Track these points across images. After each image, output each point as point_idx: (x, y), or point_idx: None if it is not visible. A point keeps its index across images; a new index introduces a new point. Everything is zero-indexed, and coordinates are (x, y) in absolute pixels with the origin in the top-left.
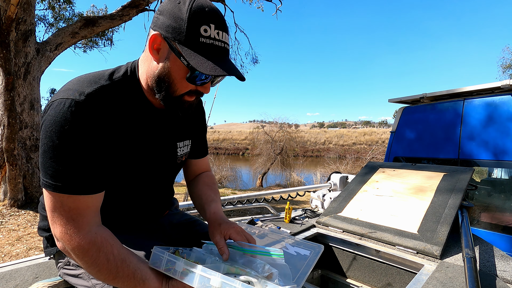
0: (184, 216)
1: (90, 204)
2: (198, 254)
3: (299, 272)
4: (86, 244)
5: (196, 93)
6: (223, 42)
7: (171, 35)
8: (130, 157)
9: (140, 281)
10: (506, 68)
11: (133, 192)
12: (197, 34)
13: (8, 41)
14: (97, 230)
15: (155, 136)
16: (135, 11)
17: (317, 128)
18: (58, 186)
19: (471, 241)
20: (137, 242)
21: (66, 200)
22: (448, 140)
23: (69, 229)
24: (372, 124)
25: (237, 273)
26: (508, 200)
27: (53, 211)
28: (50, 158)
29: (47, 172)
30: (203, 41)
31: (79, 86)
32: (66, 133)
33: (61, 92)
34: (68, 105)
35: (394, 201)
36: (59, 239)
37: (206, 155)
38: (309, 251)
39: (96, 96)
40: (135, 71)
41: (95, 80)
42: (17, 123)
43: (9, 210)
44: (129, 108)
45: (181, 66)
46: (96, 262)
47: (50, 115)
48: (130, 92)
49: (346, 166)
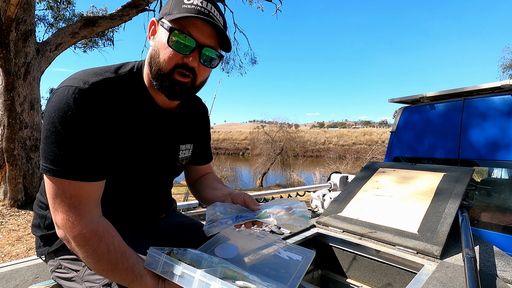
0: (181, 217)
1: (91, 193)
2: (192, 256)
3: (292, 276)
4: (88, 233)
5: (184, 67)
6: (206, 9)
7: (161, 15)
8: (129, 152)
9: (138, 276)
10: (506, 68)
11: (130, 192)
12: (180, 3)
13: (8, 41)
14: (98, 219)
15: (157, 135)
16: (135, 11)
17: (317, 128)
18: (58, 171)
19: (471, 241)
20: (133, 244)
21: (67, 186)
22: (448, 140)
23: (71, 216)
24: (372, 124)
25: (234, 276)
26: (508, 200)
27: (55, 198)
28: (51, 143)
29: (48, 158)
30: (184, 6)
31: (85, 76)
32: (68, 119)
33: (66, 81)
34: (72, 92)
35: (394, 201)
36: (60, 227)
37: (210, 162)
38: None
39: (100, 86)
40: (141, 69)
41: (100, 72)
42: (17, 123)
43: (9, 210)
44: (132, 103)
45: (163, 32)
46: (97, 252)
47: (53, 101)
48: (134, 88)
49: (346, 166)
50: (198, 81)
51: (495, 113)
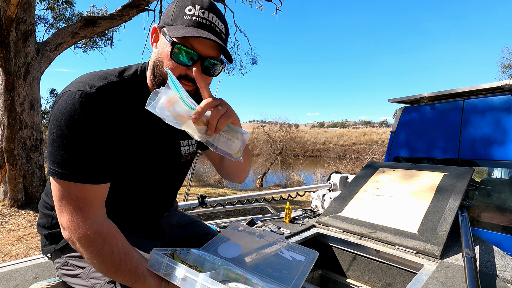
0: (184, 217)
1: (97, 195)
2: (195, 257)
3: (295, 277)
4: (92, 234)
5: (186, 78)
6: (208, 21)
7: (163, 22)
8: (132, 154)
9: (141, 277)
10: (506, 68)
11: (134, 191)
12: (182, 13)
13: (8, 41)
14: (103, 221)
15: (158, 135)
16: (135, 11)
17: (317, 128)
18: (65, 174)
19: (471, 241)
20: (136, 243)
21: (74, 188)
22: (448, 140)
23: (76, 218)
24: (372, 124)
25: (236, 279)
26: (508, 200)
27: (61, 200)
28: (58, 146)
29: (54, 161)
30: (186, 18)
31: (90, 80)
32: (75, 122)
33: (72, 84)
34: (78, 96)
35: (394, 201)
36: (65, 228)
37: None
38: (304, 257)
39: (106, 90)
40: (144, 71)
41: (105, 76)
42: (17, 123)
43: (9, 210)
44: (135, 106)
45: (166, 44)
46: (101, 253)
47: (60, 105)
48: (138, 90)
49: (346, 166)
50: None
51: (495, 113)
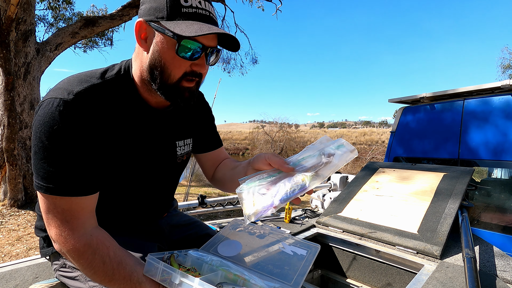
0: (183, 217)
1: (84, 206)
2: (193, 259)
3: (296, 273)
4: (81, 247)
5: (193, 74)
6: (207, 11)
7: (153, 16)
8: (125, 158)
9: (137, 283)
10: (505, 68)
11: (131, 193)
12: (178, 5)
13: (8, 41)
14: (92, 232)
15: (152, 136)
16: (135, 11)
17: (317, 128)
18: (50, 188)
19: (471, 241)
20: (135, 244)
21: (59, 201)
22: (448, 140)
23: (63, 231)
24: (372, 124)
25: (235, 280)
26: (508, 200)
27: (47, 213)
28: (40, 159)
29: (38, 174)
30: (185, 11)
31: (69, 85)
32: (55, 133)
33: (51, 91)
34: (56, 105)
35: (394, 201)
36: (55, 241)
37: (221, 146)
38: (306, 251)
39: (86, 95)
40: (129, 70)
41: (86, 79)
42: (17, 123)
43: (9, 210)
44: (122, 107)
45: (168, 41)
46: (92, 265)
47: (39, 115)
48: (124, 91)
49: (346, 166)
50: (202, 80)
51: (495, 113)
